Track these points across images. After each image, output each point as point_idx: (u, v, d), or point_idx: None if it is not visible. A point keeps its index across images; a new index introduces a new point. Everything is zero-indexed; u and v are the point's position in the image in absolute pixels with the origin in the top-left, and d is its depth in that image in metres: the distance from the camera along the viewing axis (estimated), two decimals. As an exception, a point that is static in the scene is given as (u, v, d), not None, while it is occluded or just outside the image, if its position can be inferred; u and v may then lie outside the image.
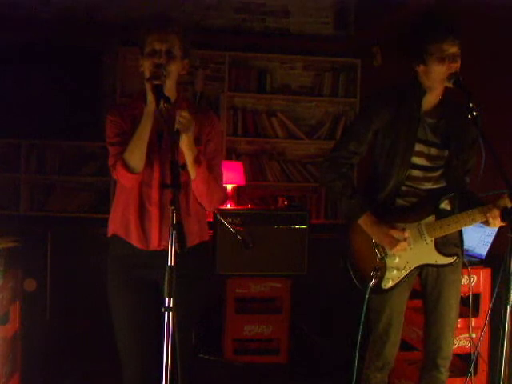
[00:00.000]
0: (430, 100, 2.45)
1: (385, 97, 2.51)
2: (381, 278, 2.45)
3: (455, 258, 2.46)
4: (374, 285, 2.43)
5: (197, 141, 2.21)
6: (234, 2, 5.45)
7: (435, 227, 2.41)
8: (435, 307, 2.57)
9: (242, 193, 5.24)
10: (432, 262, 2.45)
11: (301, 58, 5.56)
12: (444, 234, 2.42)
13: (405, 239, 2.38)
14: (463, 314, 3.06)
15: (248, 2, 5.48)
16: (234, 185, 4.68)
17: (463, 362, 3.21)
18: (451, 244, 2.51)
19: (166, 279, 1.81)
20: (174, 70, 2.21)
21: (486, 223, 2.32)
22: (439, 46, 2.32)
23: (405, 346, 3.38)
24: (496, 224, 2.30)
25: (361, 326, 2.42)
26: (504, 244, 1.97)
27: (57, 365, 3.77)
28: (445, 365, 2.58)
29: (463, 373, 3.03)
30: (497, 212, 2.27)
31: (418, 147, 2.43)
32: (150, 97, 2.09)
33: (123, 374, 2.34)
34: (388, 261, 2.45)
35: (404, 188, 2.47)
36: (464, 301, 3.02)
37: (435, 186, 2.49)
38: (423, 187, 2.48)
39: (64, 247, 4.67)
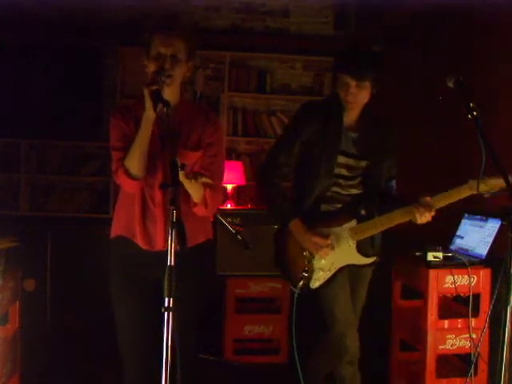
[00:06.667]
0: (351, 115, 2.63)
1: (311, 110, 2.69)
2: (309, 279, 2.63)
3: (375, 258, 2.70)
4: (303, 285, 2.62)
5: (197, 145, 2.23)
6: (234, 2, 5.45)
7: (356, 231, 2.60)
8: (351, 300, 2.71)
9: (242, 193, 5.24)
10: (355, 262, 2.65)
11: (301, 58, 5.56)
12: (365, 237, 2.60)
13: (327, 245, 2.57)
14: (463, 314, 3.06)
15: (248, 2, 5.49)
16: (233, 185, 4.68)
17: (463, 363, 3.21)
18: (371, 245, 2.69)
19: (166, 279, 1.81)
20: (179, 74, 2.22)
21: (414, 219, 2.46)
22: (342, 76, 2.55)
23: (405, 346, 3.38)
24: (423, 219, 2.43)
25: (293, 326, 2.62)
26: (504, 244, 1.97)
27: (57, 365, 3.77)
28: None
29: (463, 373, 3.03)
30: (422, 208, 2.41)
31: (340, 159, 2.62)
32: (148, 103, 2.08)
33: (124, 373, 2.34)
34: (315, 263, 2.63)
35: (329, 194, 2.64)
36: (464, 301, 3.02)
37: (356, 192, 2.68)
38: (346, 193, 2.67)
39: (64, 247, 4.66)
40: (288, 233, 2.65)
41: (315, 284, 2.63)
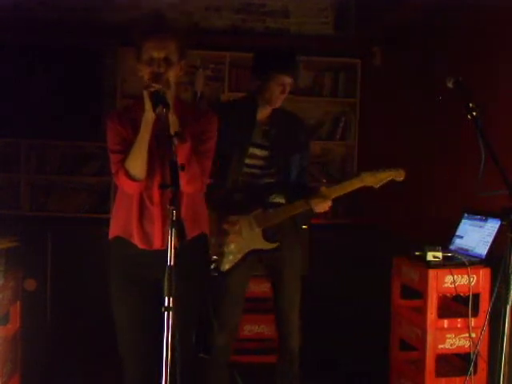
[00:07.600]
0: (264, 110, 2.88)
1: (223, 106, 3.06)
2: (220, 263, 2.85)
3: (278, 243, 2.86)
4: (215, 268, 2.83)
5: (193, 137, 2.20)
6: (234, 2, 5.45)
7: (261, 219, 2.83)
8: (280, 286, 2.99)
9: (242, 193, 5.23)
10: (260, 247, 2.85)
11: (301, 58, 5.55)
12: (269, 224, 2.83)
13: (235, 231, 2.80)
14: (463, 314, 3.06)
15: (248, 2, 5.49)
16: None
17: (463, 362, 3.21)
18: (276, 232, 2.88)
19: (166, 279, 1.81)
20: (173, 75, 2.22)
21: (312, 209, 2.76)
22: (279, 76, 2.79)
23: (405, 345, 3.38)
24: (320, 209, 2.75)
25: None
26: (504, 244, 1.97)
27: (57, 365, 3.77)
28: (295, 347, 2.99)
29: (463, 372, 3.03)
30: (318, 199, 2.71)
31: (253, 150, 2.85)
32: (148, 105, 2.08)
33: (124, 373, 2.34)
34: (225, 248, 2.85)
35: (243, 184, 2.86)
36: (464, 300, 3.02)
37: (270, 181, 2.89)
38: (261, 182, 2.88)
39: (64, 247, 4.66)
40: None
41: (225, 267, 2.83)
